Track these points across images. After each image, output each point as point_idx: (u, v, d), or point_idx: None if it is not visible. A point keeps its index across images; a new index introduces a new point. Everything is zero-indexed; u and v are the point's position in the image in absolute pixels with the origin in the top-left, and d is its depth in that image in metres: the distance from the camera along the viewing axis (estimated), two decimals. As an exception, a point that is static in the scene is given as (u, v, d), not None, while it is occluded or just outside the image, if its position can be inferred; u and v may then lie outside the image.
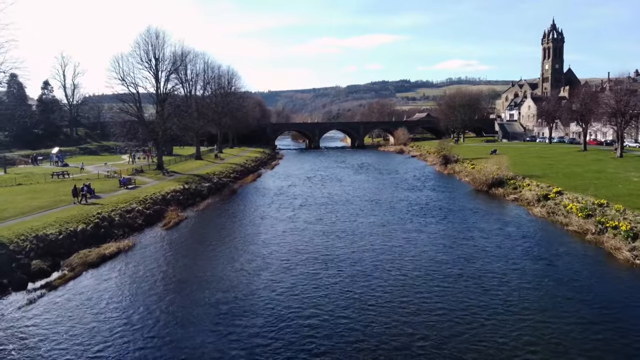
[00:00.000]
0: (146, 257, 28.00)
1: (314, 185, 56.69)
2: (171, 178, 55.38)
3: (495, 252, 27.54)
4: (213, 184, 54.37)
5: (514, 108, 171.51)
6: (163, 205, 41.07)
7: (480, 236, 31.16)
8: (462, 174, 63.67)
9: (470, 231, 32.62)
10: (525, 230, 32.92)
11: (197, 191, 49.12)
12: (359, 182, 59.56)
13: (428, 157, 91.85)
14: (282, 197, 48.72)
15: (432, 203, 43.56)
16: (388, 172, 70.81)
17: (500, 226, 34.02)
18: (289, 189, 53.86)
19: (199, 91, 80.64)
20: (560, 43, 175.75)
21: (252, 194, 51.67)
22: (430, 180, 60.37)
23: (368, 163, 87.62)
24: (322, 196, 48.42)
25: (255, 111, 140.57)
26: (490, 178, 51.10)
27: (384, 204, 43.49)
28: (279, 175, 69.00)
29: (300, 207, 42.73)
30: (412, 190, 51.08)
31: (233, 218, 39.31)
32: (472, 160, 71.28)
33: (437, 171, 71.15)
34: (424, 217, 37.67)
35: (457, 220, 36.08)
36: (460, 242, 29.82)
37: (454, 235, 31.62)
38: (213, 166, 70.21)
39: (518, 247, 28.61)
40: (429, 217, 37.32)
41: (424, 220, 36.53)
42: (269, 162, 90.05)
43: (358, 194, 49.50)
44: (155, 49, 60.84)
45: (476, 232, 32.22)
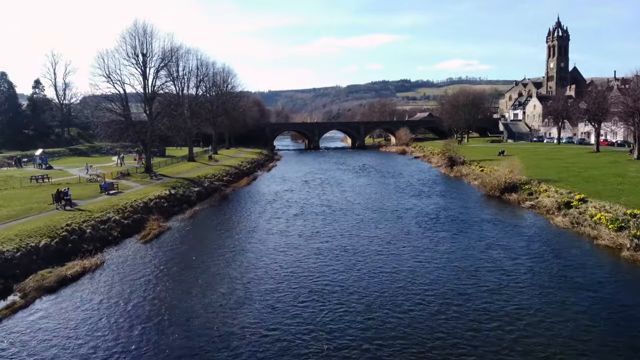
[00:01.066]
0: (113, 280, 24.07)
1: (311, 190, 52.70)
2: (159, 182, 51.51)
3: (525, 279, 23.26)
4: (203, 189, 50.48)
5: (518, 107, 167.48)
6: (144, 213, 37.17)
7: (504, 256, 27.05)
8: (470, 177, 59.77)
9: (491, 249, 28.55)
10: (552, 247, 28.89)
11: (185, 197, 45.22)
12: (361, 186, 55.57)
13: (432, 158, 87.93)
14: (276, 204, 44.60)
15: (442, 212, 39.29)
16: (391, 175, 66.86)
17: (524, 242, 29.86)
18: (284, 195, 49.84)
19: (191, 89, 76.59)
20: (566, 41, 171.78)
21: (244, 200, 47.70)
22: (437, 185, 56.41)
23: (369, 165, 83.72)
24: (320, 203, 44.31)
25: (253, 111, 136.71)
26: (503, 182, 47.19)
27: (388, 214, 39.26)
28: (275, 179, 65.07)
29: (295, 217, 38.53)
30: (418, 197, 47.03)
31: (218, 230, 35.15)
32: (480, 162, 67.42)
33: (443, 174, 67.22)
34: (435, 230, 33.37)
35: (473, 235, 31.85)
36: (482, 264, 25.53)
37: (473, 255, 27.27)
38: (206, 168, 66.32)
39: (550, 271, 24.45)
40: (441, 231, 33.07)
41: (436, 235, 32.11)
42: (265, 164, 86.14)
43: (360, 201, 45.41)
44: (142, 44, 57.02)
45: (498, 251, 28.07)
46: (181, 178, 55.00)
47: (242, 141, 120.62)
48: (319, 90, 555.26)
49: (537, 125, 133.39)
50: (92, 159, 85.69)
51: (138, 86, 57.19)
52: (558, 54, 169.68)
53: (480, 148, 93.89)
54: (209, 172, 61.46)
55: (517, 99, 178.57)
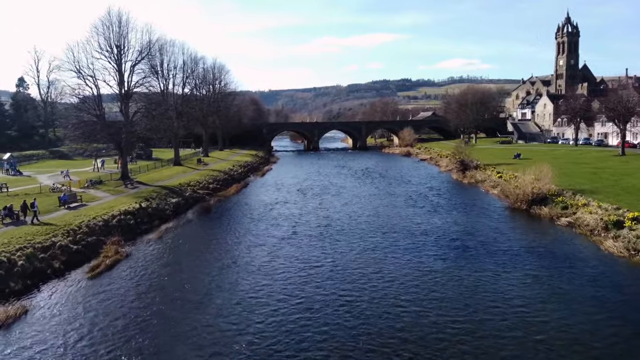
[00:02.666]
0: (33, 341, 17.50)
1: (308, 202, 45.79)
2: (133, 192, 44.94)
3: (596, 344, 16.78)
4: (183, 200, 43.86)
5: (527, 107, 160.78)
6: (102, 234, 30.57)
7: (559, 303, 20.39)
8: (487, 184, 53.10)
9: (539, 290, 21.90)
10: (617, 288, 22.17)
11: (158, 211, 38.56)
12: (365, 196, 48.55)
13: (440, 161, 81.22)
14: (264, 221, 37.31)
15: (467, 237, 31.57)
16: (397, 181, 60.05)
17: (582, 281, 22.98)
18: (276, 208, 42.83)
19: (178, 87, 69.85)
20: (576, 37, 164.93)
21: (227, 215, 40.75)
22: (451, 194, 49.60)
23: (373, 168, 76.99)
24: (317, 222, 36.77)
25: (250, 110, 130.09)
26: (530, 193, 40.54)
27: (401, 239, 31.10)
28: (269, 186, 58.32)
29: (284, 242, 30.95)
30: (434, 212, 39.61)
31: (188, 259, 27.97)
32: (495, 167, 60.78)
33: (455, 180, 60.49)
34: (463, 264, 25.67)
35: (514, 271, 24.43)
36: (534, 317, 18.86)
37: (519, 306, 20.03)
38: (192, 174, 59.71)
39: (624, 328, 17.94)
40: (471, 263, 25.82)
41: (467, 274, 23.97)
42: (260, 168, 79.38)
43: (364, 218, 37.86)
44: (117, 35, 50.39)
45: (550, 296, 21.33)
46: (160, 186, 48.42)
47: (238, 142, 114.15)
48: (319, 89, 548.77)
49: (547, 125, 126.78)
50: (74, 162, 79.24)
51: (112, 82, 50.62)
52: (568, 50, 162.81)
53: (491, 150, 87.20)
54: (194, 179, 54.83)
55: (525, 98, 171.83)
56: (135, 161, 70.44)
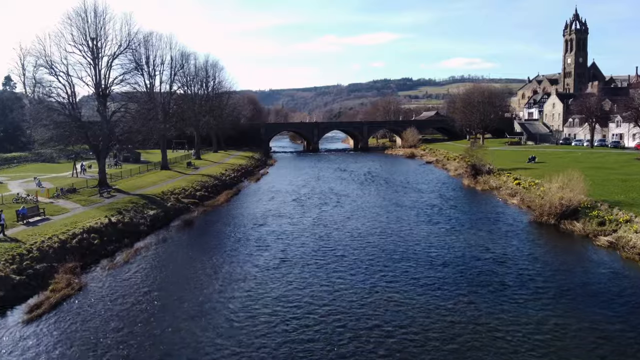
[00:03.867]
0: None
1: (304, 215, 40.12)
2: (108, 202, 39.86)
3: None
4: (163, 211, 38.72)
5: (534, 106, 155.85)
6: (57, 259, 25.48)
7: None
8: (504, 192, 47.95)
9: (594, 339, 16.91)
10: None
11: (131, 226, 33.43)
12: (369, 208, 42.78)
13: (448, 164, 76.06)
14: (251, 243, 31.17)
15: (494, 265, 25.81)
16: (404, 188, 54.68)
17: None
18: (267, 223, 37.18)
19: (166, 85, 64.57)
20: (584, 34, 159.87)
21: (210, 232, 35.25)
22: (466, 205, 44.29)
23: (376, 172, 71.75)
24: (313, 243, 30.58)
25: (247, 109, 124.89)
26: (559, 205, 35.40)
27: (417, 271, 24.85)
28: (263, 193, 53.08)
29: (271, 272, 25.03)
30: (451, 230, 33.77)
31: (150, 296, 22.25)
32: (511, 172, 55.66)
33: (467, 186, 55.30)
34: (496, 309, 20.08)
35: (565, 315, 19.53)
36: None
37: None
38: (178, 179, 54.63)
39: None
40: (505, 306, 20.54)
41: (502, 324, 18.76)
42: (255, 171, 74.19)
43: (371, 240, 31.13)
44: (93, 26, 45.28)
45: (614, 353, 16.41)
46: (140, 195, 43.36)
47: (234, 143, 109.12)
48: (320, 89, 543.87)
49: (557, 126, 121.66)
50: (57, 166, 74.06)
51: (88, 79, 45.54)
52: (576, 48, 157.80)
53: (501, 152, 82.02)
54: (180, 186, 49.74)
55: (532, 97, 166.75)
56: (120, 165, 65.41)
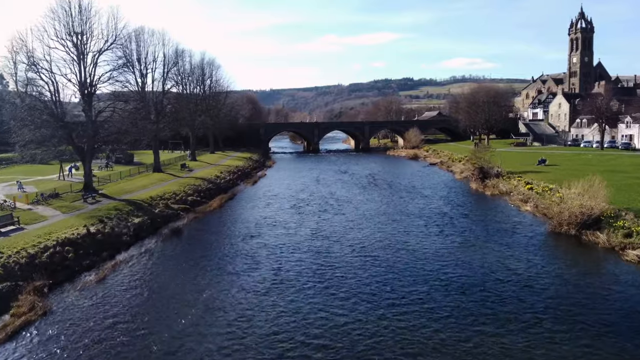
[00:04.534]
0: None
1: (302, 224, 36.65)
2: (91, 209, 36.99)
3: None
4: (149, 219, 35.80)
5: (538, 106, 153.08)
6: (23, 277, 22.61)
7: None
8: (516, 197, 44.97)
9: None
10: None
11: (112, 237, 30.53)
12: (373, 217, 39.10)
13: (454, 166, 73.10)
14: (241, 258, 27.80)
15: (517, 288, 22.36)
16: (409, 192, 51.61)
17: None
18: (261, 233, 33.64)
19: (158, 83, 61.59)
20: (590, 33, 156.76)
21: (197, 244, 31.89)
22: (477, 212, 41.22)
23: (378, 174, 68.78)
24: (310, 260, 27.12)
25: (246, 109, 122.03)
26: (579, 214, 32.46)
27: (431, 298, 21.20)
28: (259, 198, 50.12)
29: (264, 293, 21.98)
30: (464, 244, 30.43)
31: (123, 324, 19.20)
32: (521, 175, 52.75)
33: (475, 190, 52.35)
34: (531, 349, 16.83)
35: None
36: None
37: None
38: (170, 183, 51.75)
39: None
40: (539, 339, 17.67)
41: None
42: (252, 173, 71.24)
43: (376, 255, 27.68)
44: (78, 20, 42.41)
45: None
46: (126, 201, 40.49)
47: (233, 143, 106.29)
48: (321, 88, 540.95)
49: (563, 126, 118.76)
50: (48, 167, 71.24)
51: (72, 76, 42.67)
52: (582, 47, 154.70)
53: (508, 154, 78.97)
54: (171, 190, 46.84)
55: (537, 97, 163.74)
56: (112, 167, 62.54)
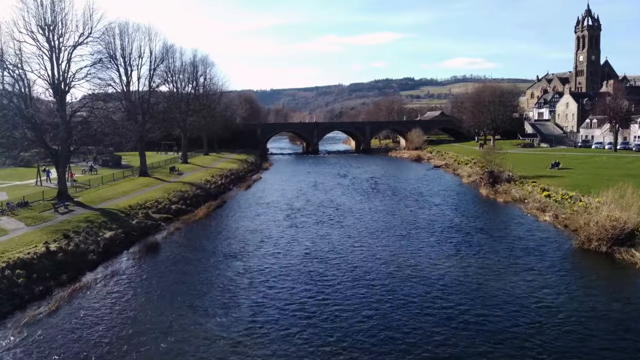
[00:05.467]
0: None
1: (295, 240, 32.03)
2: (60, 220, 33.08)
3: None
4: (123, 232, 31.81)
5: (544, 106, 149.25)
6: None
7: None
8: (532, 206, 40.94)
9: None
10: None
11: (76, 255, 26.54)
12: (376, 230, 34.45)
13: (460, 169, 69.15)
14: (222, 284, 23.61)
15: (554, 328, 18.52)
16: (415, 200, 47.25)
17: None
18: (247, 251, 29.53)
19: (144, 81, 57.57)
20: (597, 31, 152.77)
21: (174, 263, 27.67)
22: (490, 222, 37.09)
23: (381, 178, 64.70)
24: (304, 289, 22.75)
25: (243, 109, 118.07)
26: (609, 227, 28.49)
27: (448, 335, 17.82)
28: (250, 205, 46.02)
29: (242, 342, 17.53)
30: (482, 264, 26.70)
31: None
32: (535, 180, 48.81)
33: (486, 197, 48.37)
34: None
35: None
36: None
37: None
38: (155, 188, 47.78)
39: None
40: None
41: None
42: (247, 177, 67.23)
43: (380, 282, 23.50)
44: (51, 11, 38.50)
45: None
46: (102, 210, 36.54)
47: (229, 144, 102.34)
48: (321, 88, 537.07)
49: (571, 127, 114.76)
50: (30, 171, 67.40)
51: (43, 72, 38.76)
52: (589, 45, 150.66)
53: (517, 156, 74.91)
54: (154, 197, 42.89)
55: (542, 97, 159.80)
56: (96, 171, 58.57)
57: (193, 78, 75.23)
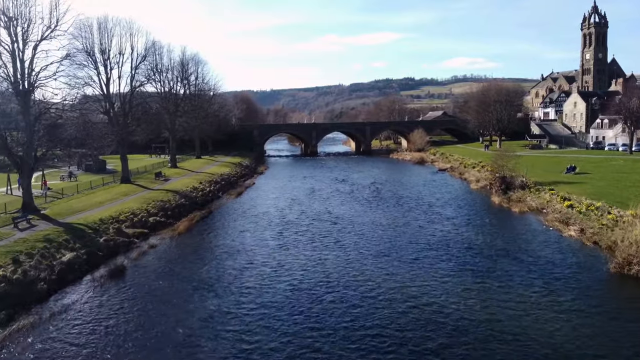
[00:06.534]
0: None
1: (284, 264, 27.20)
2: (17, 238, 28.78)
3: None
4: (87, 252, 27.48)
5: (550, 105, 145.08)
6: None
7: None
8: (552, 217, 36.56)
9: None
10: None
11: (21, 286, 22.18)
12: (378, 251, 29.65)
13: (467, 173, 64.85)
14: (189, 331, 18.93)
15: None
16: (423, 211, 42.43)
17: None
18: (225, 280, 24.70)
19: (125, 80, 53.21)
20: (604, 28, 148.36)
21: (138, 295, 23.03)
22: (507, 238, 32.68)
23: (383, 184, 60.25)
24: (296, 336, 18.32)
25: (238, 110, 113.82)
26: (652, 249, 24.24)
27: None
28: (238, 217, 41.54)
29: None
30: (511, 298, 22.74)
31: None
32: (551, 186, 44.57)
33: (499, 205, 44.05)
34: None
35: None
36: None
37: None
38: (134, 197, 43.49)
39: None
40: None
41: None
42: (239, 182, 62.86)
43: (387, 328, 18.86)
44: (11, 2, 34.31)
45: None
46: (68, 225, 32.28)
47: (224, 147, 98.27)
48: (322, 88, 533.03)
49: (579, 127, 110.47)
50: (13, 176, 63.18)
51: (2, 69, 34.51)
52: (595, 43, 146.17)
53: (527, 159, 70.67)
54: (131, 208, 38.59)
55: (548, 96, 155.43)
56: (75, 177, 54.31)
57: (182, 77, 70.91)
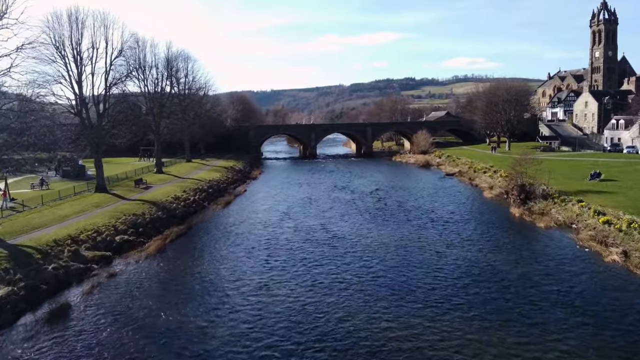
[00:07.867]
0: None
1: (269, 304, 21.66)
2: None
3: None
4: (25, 286, 22.30)
5: (558, 105, 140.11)
6: None
7: None
8: (585, 234, 31.30)
9: None
10: None
11: None
12: (387, 282, 24.26)
13: (477, 178, 59.53)
14: None
15: None
16: (433, 224, 37.20)
17: None
18: (197, 322, 19.84)
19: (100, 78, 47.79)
20: (614, 25, 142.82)
21: (83, 342, 18.32)
22: (536, 261, 27.60)
23: (387, 193, 54.52)
24: None
25: (234, 110, 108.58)
26: None
27: None
28: (220, 234, 35.88)
29: None
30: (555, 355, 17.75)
31: None
32: (577, 196, 39.31)
33: (519, 218, 38.73)
34: None
35: None
36: None
37: None
38: (105, 210, 38.15)
39: None
40: None
41: None
42: (228, 190, 57.43)
43: None
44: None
45: None
46: (16, 247, 27.05)
47: (218, 149, 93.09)
48: (322, 89, 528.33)
49: (590, 128, 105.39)
50: None
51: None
52: (605, 40, 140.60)
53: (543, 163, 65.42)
54: (97, 223, 33.30)
55: (556, 95, 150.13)
56: (47, 185, 49.03)
57: (169, 74, 65.67)
